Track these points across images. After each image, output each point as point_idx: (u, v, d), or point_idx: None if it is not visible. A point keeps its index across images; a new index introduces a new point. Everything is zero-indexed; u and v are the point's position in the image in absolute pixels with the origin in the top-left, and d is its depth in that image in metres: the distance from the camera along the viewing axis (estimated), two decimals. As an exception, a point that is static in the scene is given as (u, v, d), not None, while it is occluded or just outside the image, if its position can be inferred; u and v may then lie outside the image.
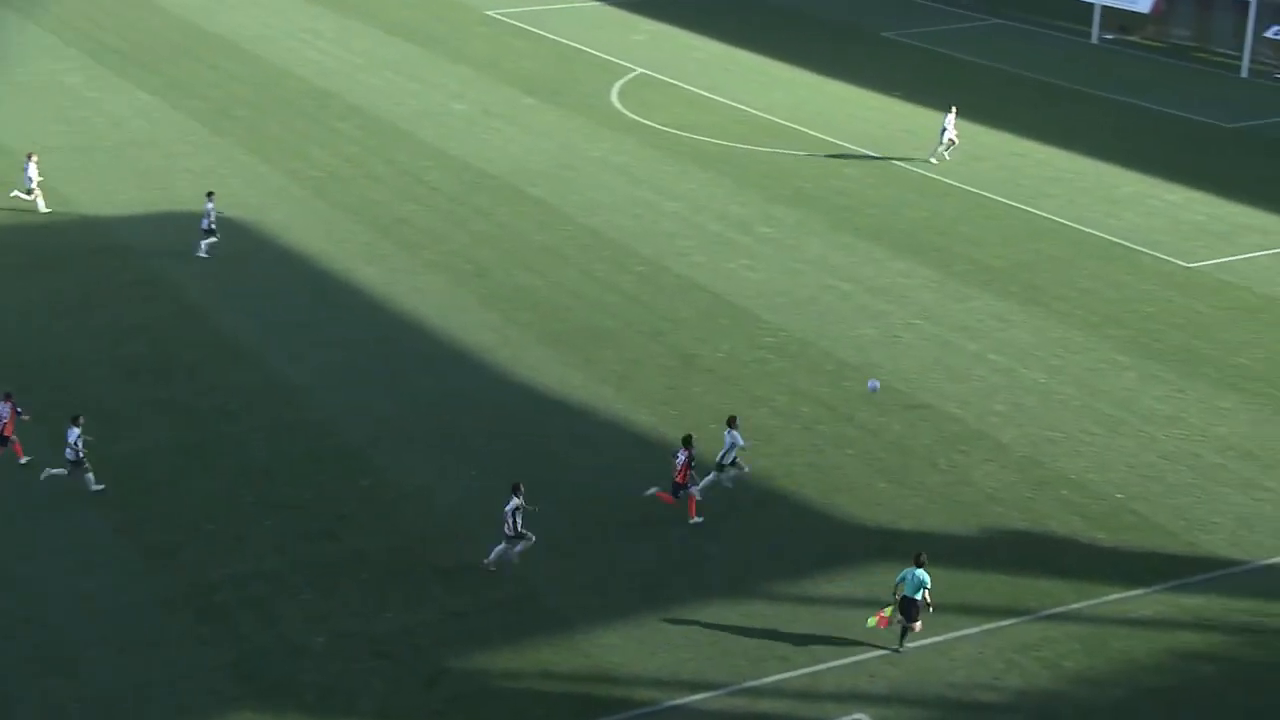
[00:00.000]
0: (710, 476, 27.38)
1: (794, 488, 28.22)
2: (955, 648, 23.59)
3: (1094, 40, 60.90)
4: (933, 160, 45.75)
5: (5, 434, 28.13)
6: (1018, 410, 30.89)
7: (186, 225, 40.01)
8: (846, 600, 24.82)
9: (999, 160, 46.52)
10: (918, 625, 23.40)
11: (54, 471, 27.52)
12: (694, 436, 27.02)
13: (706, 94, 54.11)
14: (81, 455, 27.25)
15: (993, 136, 48.86)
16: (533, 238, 40.53)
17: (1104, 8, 62.12)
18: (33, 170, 40.96)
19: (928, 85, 54.76)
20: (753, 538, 26.66)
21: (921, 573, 23.38)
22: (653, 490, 27.33)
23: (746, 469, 27.66)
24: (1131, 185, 44.17)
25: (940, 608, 24.43)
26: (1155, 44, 60.61)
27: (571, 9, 68.71)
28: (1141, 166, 45.56)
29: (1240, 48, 56.48)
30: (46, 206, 41.21)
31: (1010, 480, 28.34)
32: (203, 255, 38.39)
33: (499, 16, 67.05)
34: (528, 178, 45.22)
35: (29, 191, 40.99)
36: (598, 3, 69.73)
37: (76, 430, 27.24)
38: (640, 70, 57.52)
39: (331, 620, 24.23)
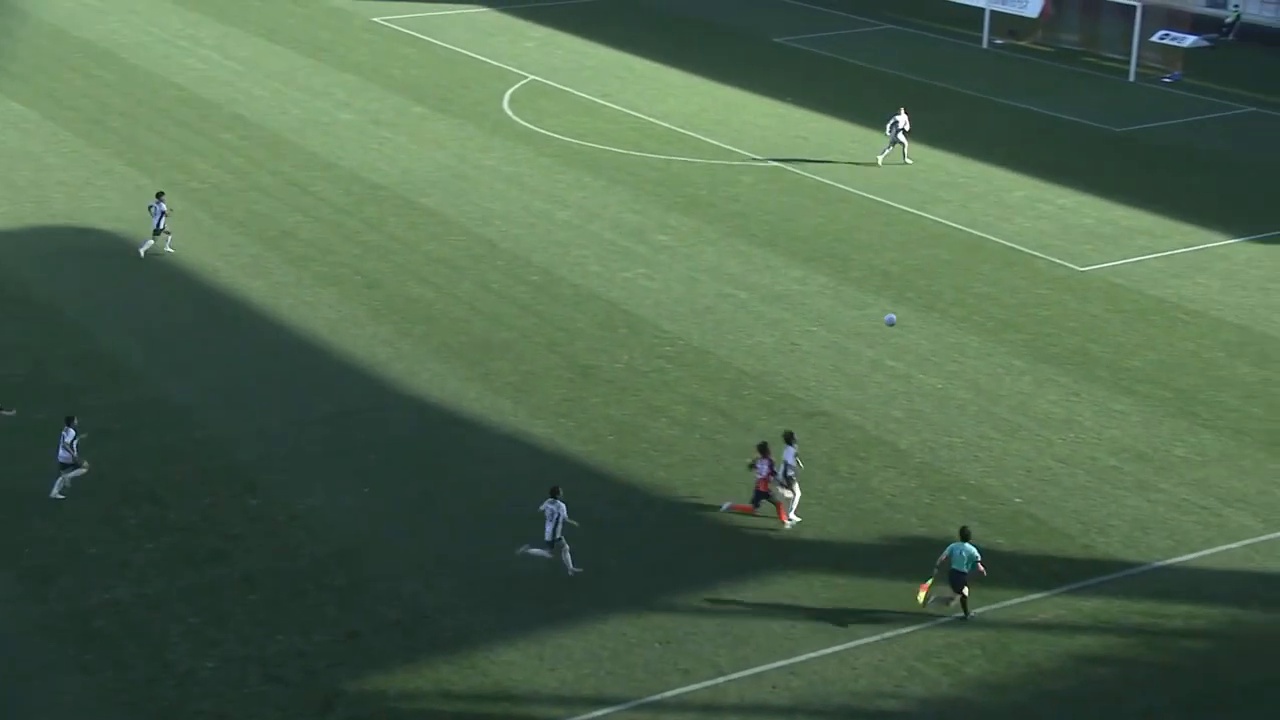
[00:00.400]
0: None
1: (695, 498, 28.28)
2: (858, 656, 23.78)
3: (984, 45, 61.91)
4: (880, 161, 46.29)
5: None
6: (915, 416, 31.25)
7: (62, 239, 39.15)
8: (748, 610, 24.92)
9: (892, 166, 47.05)
10: (965, 591, 24.40)
11: (71, 476, 27.64)
12: (768, 444, 27.13)
13: (600, 101, 54.17)
14: (76, 457, 27.41)
15: (883, 142, 49.37)
16: (425, 249, 40.27)
17: (993, 13, 63.19)
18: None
19: (820, 91, 55.29)
20: (653, 548, 26.68)
21: (970, 547, 24.42)
22: (727, 505, 27.28)
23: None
24: (1024, 190, 44.93)
25: (842, 615, 24.63)
26: (1044, 48, 61.76)
27: (460, 15, 68.45)
28: (1033, 171, 46.37)
29: (1128, 52, 57.72)
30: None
31: (909, 486, 28.65)
32: (169, 250, 38.72)
33: (385, 23, 66.57)
34: (419, 188, 44.93)
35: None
36: (487, 9, 69.52)
37: (72, 431, 27.41)
38: (532, 77, 57.43)
39: (220, 645, 23.84)
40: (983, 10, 63.55)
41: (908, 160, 46.59)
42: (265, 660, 23.49)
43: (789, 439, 27.50)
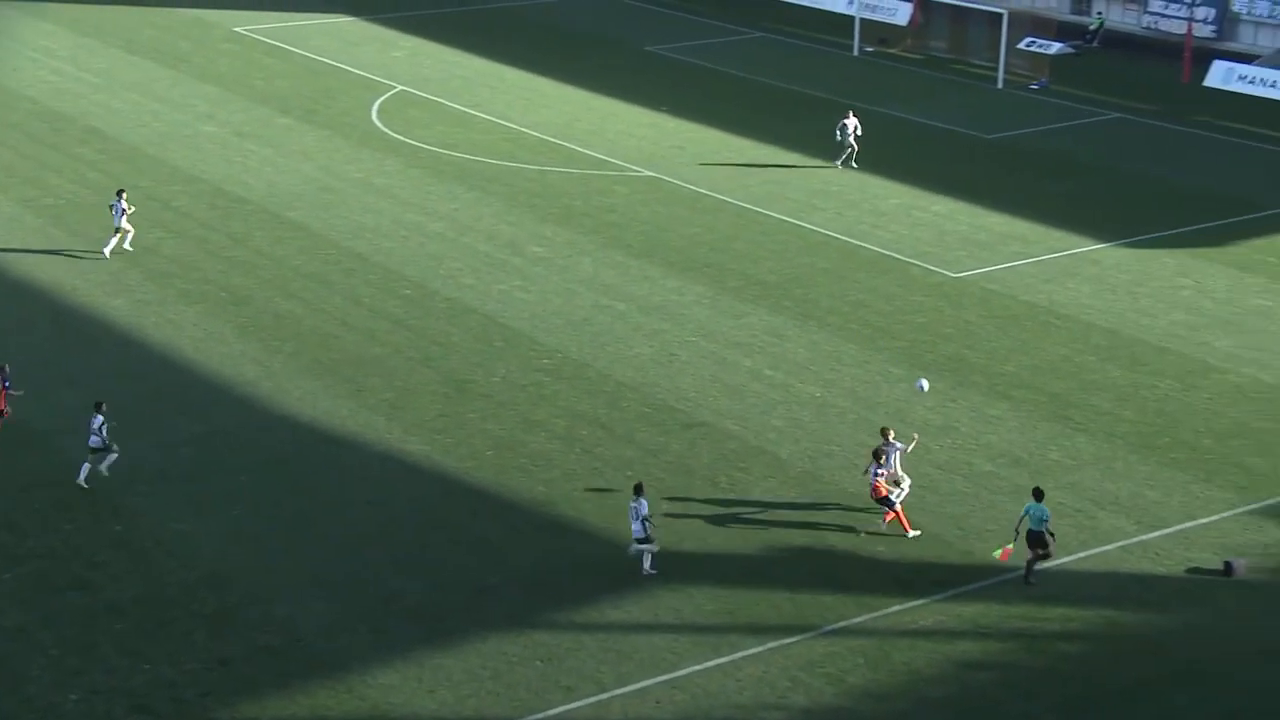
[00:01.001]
0: None
1: (575, 513, 28.30)
2: (741, 668, 23.96)
3: (855, 53, 62.86)
4: (839, 166, 46.87)
5: None
6: (795, 425, 31.60)
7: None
8: (630, 625, 24.99)
9: (767, 174, 47.57)
10: (1051, 548, 25.85)
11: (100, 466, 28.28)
12: (883, 443, 27.75)
13: (471, 111, 54.02)
14: (106, 441, 28.18)
15: (761, 150, 49.95)
16: (293, 263, 39.81)
17: (863, 21, 64.19)
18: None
19: (694, 99, 55.71)
20: (534, 565, 26.64)
21: (1042, 506, 25.77)
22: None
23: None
24: (898, 197, 45.66)
25: (725, 628, 24.81)
26: (914, 56, 62.89)
27: (325, 24, 67.84)
28: (907, 178, 47.14)
29: (996, 59, 58.98)
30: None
31: (790, 496, 28.96)
32: (128, 248, 39.41)
33: (247, 33, 65.75)
34: (286, 201, 44.41)
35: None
36: (353, 18, 68.99)
37: (100, 417, 28.17)
38: (401, 87, 57.09)
39: (85, 676, 23.32)
40: (853, 19, 64.56)
41: (854, 165, 47.23)
42: (132, 691, 23.02)
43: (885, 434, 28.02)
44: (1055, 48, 62.81)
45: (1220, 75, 58.62)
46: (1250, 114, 54.80)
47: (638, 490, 26.17)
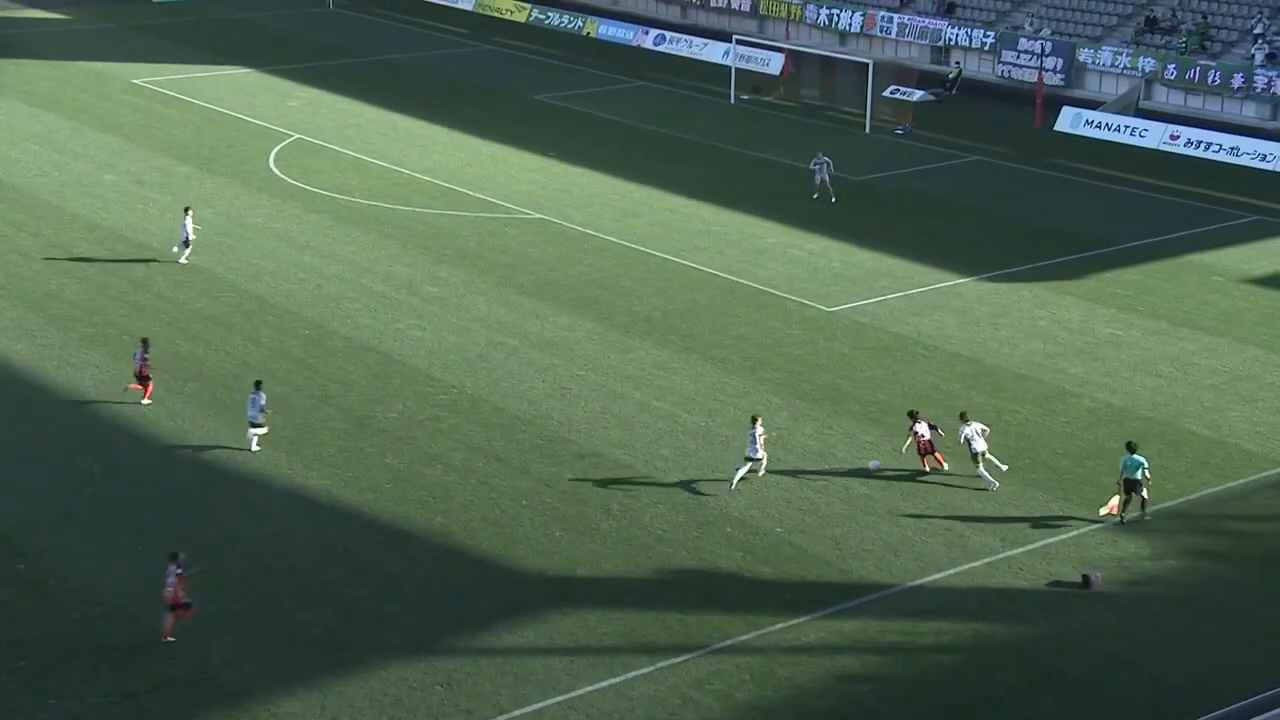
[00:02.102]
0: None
1: (472, 542, 28.10)
2: (633, 688, 23.90)
3: (731, 100, 63.46)
4: (815, 198, 48.59)
5: (143, 373, 33.12)
6: (682, 454, 31.68)
7: None
8: (527, 649, 24.83)
9: (651, 216, 47.79)
10: (1144, 494, 28.64)
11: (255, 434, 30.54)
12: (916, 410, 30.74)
13: (366, 158, 53.66)
14: (268, 415, 30.63)
15: (645, 194, 50.19)
16: (194, 306, 39.17)
17: (738, 70, 64.85)
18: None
19: (580, 145, 55.86)
20: (433, 593, 26.38)
21: (1137, 456, 28.65)
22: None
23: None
24: (775, 236, 46.09)
25: (618, 649, 24.75)
26: (787, 103, 63.65)
27: (222, 76, 67.06)
28: (782, 219, 47.62)
29: (863, 106, 59.90)
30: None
31: (678, 521, 29.00)
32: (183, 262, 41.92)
33: (147, 85, 64.77)
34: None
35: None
36: (250, 70, 68.28)
37: (263, 396, 30.71)
38: (297, 136, 56.56)
39: (-8, 715, 22.62)
40: (729, 68, 65.21)
41: (832, 199, 48.69)
42: (39, 728, 22.37)
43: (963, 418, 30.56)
44: (918, 95, 63.94)
45: (1069, 120, 60.08)
46: (1097, 156, 56.21)
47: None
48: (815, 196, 49.30)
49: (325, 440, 31.92)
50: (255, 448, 31.10)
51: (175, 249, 42.47)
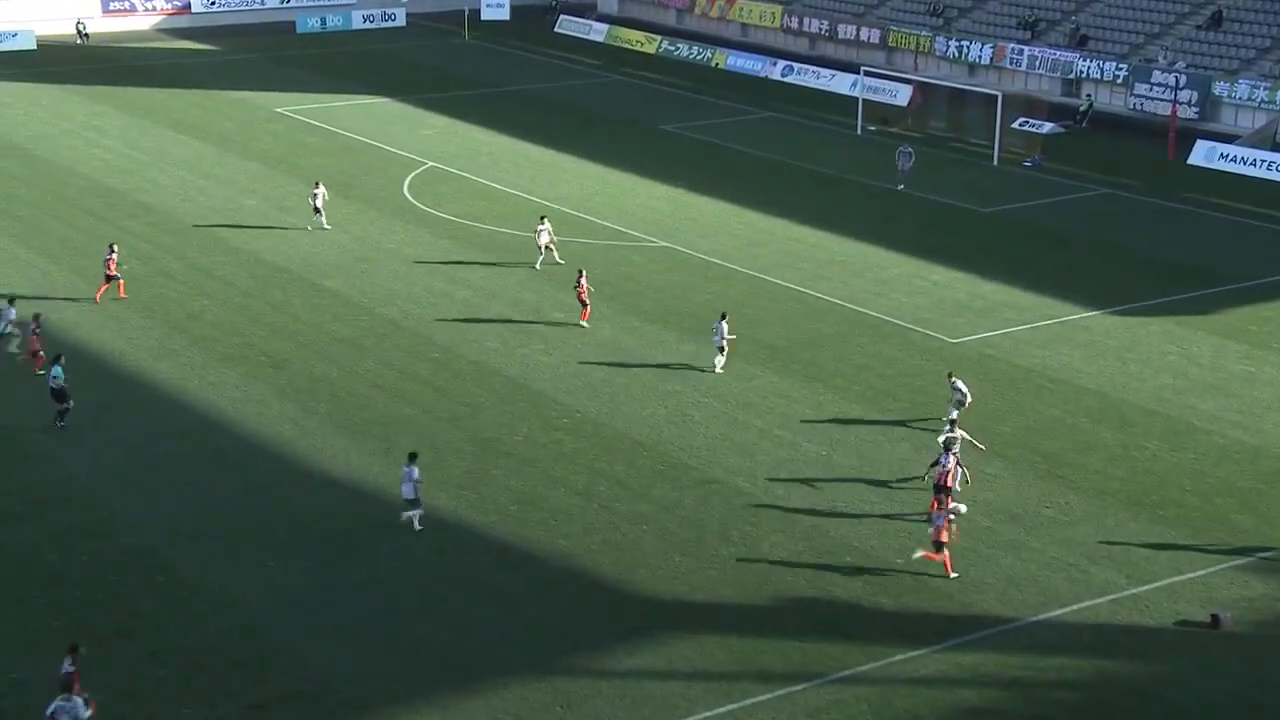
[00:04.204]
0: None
1: (593, 565, 28.21)
2: (751, 714, 23.77)
3: (859, 132, 63.17)
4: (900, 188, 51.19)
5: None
6: (802, 482, 31.50)
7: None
8: (646, 672, 24.84)
9: (776, 245, 47.70)
10: None
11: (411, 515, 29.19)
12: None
13: (497, 186, 54.35)
14: (419, 493, 29.15)
15: (770, 223, 50.14)
16: (329, 329, 39.97)
17: (866, 101, 64.57)
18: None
19: (707, 175, 56.00)
20: (553, 615, 26.52)
21: None
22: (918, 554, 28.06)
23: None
24: (899, 267, 45.72)
25: (736, 675, 24.65)
26: (914, 134, 63.17)
27: (361, 105, 68.48)
28: (907, 249, 47.24)
29: (991, 138, 59.21)
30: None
31: (797, 549, 28.82)
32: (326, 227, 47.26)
33: (289, 113, 66.38)
34: (323, 270, 44.65)
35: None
36: (387, 99, 69.64)
37: (416, 470, 29.03)
38: (431, 164, 57.51)
39: (129, 720, 23.21)
40: (856, 100, 64.93)
41: (899, 187, 52.99)
42: (173, 734, 22.91)
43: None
44: (1047, 128, 63.08)
45: (1203, 154, 58.76)
46: (1231, 191, 54.87)
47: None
48: (901, 187, 53.23)
49: (452, 462, 32.32)
50: (418, 526, 29.12)
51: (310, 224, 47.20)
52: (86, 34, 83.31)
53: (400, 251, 46.56)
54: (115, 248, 41.80)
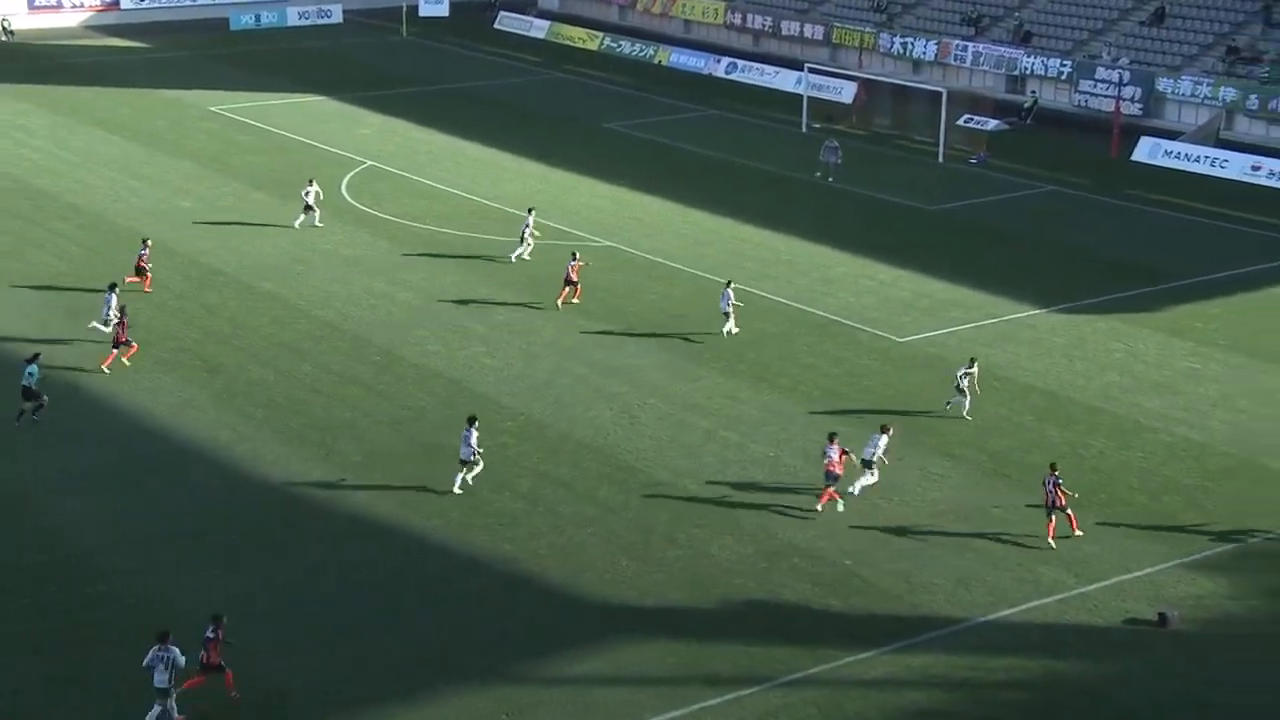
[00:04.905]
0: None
1: (539, 570, 28.25)
2: (699, 719, 23.88)
3: (803, 129, 63.53)
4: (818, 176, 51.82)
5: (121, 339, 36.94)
6: (749, 484, 31.68)
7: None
8: (593, 678, 24.92)
9: (721, 244, 47.91)
10: None
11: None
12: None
13: (437, 185, 54.23)
14: (477, 454, 30.65)
15: (715, 222, 50.36)
16: (266, 332, 39.75)
17: (810, 99, 64.97)
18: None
19: (650, 173, 56.13)
20: (500, 621, 26.54)
21: None
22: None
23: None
24: (844, 266, 46.05)
25: (683, 679, 24.78)
26: (859, 132, 63.63)
27: (297, 103, 68.10)
28: (853, 248, 47.58)
29: (936, 136, 59.74)
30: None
31: (745, 552, 29.00)
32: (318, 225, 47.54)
33: (222, 112, 65.91)
34: (259, 272, 44.39)
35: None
36: (323, 97, 69.28)
37: (474, 433, 30.55)
38: (370, 163, 57.29)
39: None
40: (801, 97, 65.33)
41: (830, 179, 54.68)
42: (110, 748, 22.72)
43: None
44: (992, 124, 63.76)
45: (1147, 151, 59.60)
46: (1176, 187, 55.69)
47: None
48: (818, 175, 54.95)
49: (395, 467, 32.24)
50: (458, 490, 30.32)
51: (298, 221, 47.72)
52: (11, 31, 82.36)
53: (338, 252, 46.36)
54: (149, 242, 42.62)
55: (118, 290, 38.68)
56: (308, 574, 27.93)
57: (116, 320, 37.09)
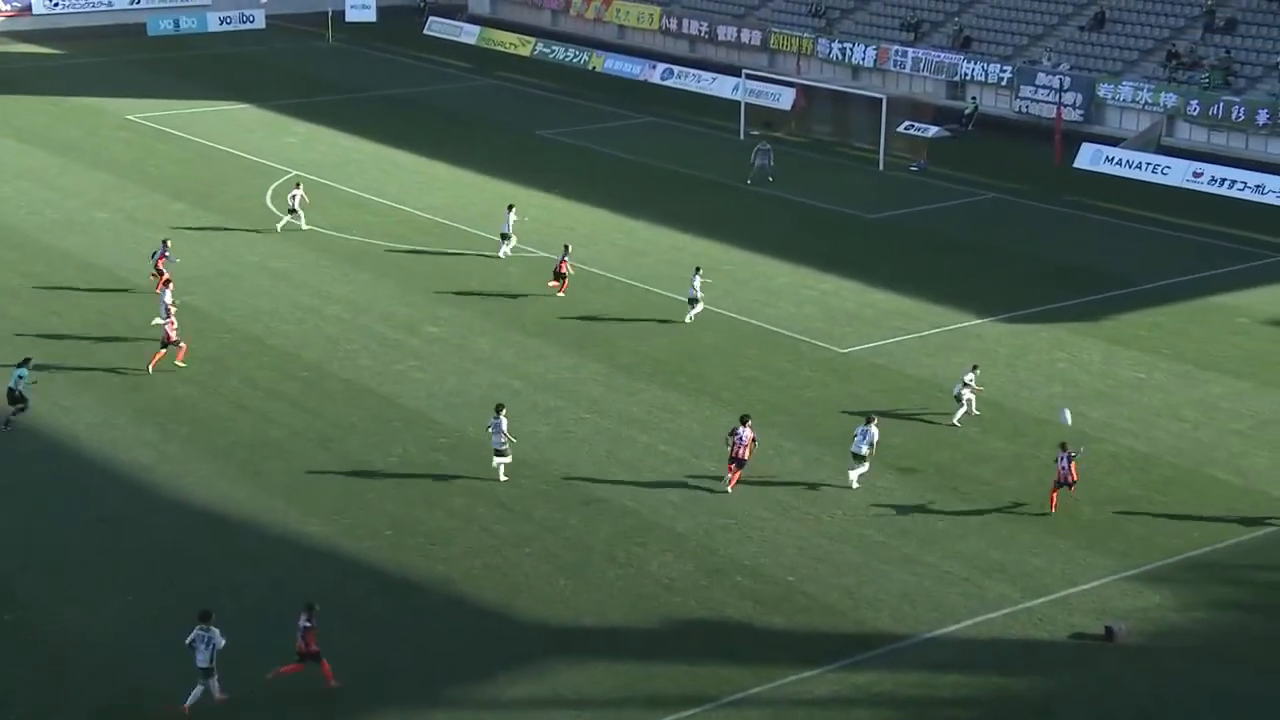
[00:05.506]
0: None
1: (474, 590, 28.11)
2: (642, 742, 23.87)
3: (741, 136, 63.80)
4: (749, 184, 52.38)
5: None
6: (691, 499, 31.72)
7: None
8: (530, 702, 24.82)
9: (658, 254, 47.99)
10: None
11: None
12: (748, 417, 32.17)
13: (366, 195, 53.97)
14: (505, 448, 31.82)
15: (652, 231, 50.43)
16: (190, 346, 39.32)
17: (748, 105, 65.26)
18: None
19: (584, 182, 56.15)
20: (433, 644, 26.38)
21: None
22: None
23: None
24: (785, 275, 46.26)
25: (624, 701, 24.74)
26: (798, 139, 63.99)
27: (219, 111, 67.57)
28: (793, 257, 47.81)
29: (877, 142, 60.21)
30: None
31: (686, 569, 29.01)
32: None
33: (140, 120, 65.26)
34: (183, 285, 43.83)
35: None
36: (246, 105, 68.79)
37: (504, 420, 31.75)
38: (295, 173, 56.91)
39: (-21, 770, 22.62)
40: (738, 103, 65.61)
41: (770, 179, 55.65)
42: (27, 783, 22.36)
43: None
44: (932, 131, 64.33)
45: (1089, 157, 60.36)
46: (1118, 194, 56.43)
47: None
48: (749, 181, 55.50)
49: (323, 486, 31.99)
50: (503, 477, 31.93)
51: (280, 224, 48.49)
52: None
53: (264, 265, 46.00)
54: (169, 243, 43.59)
55: (171, 286, 39.49)
56: (232, 599, 27.60)
57: (167, 318, 37.89)
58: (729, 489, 31.70)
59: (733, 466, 31.85)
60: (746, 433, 31.70)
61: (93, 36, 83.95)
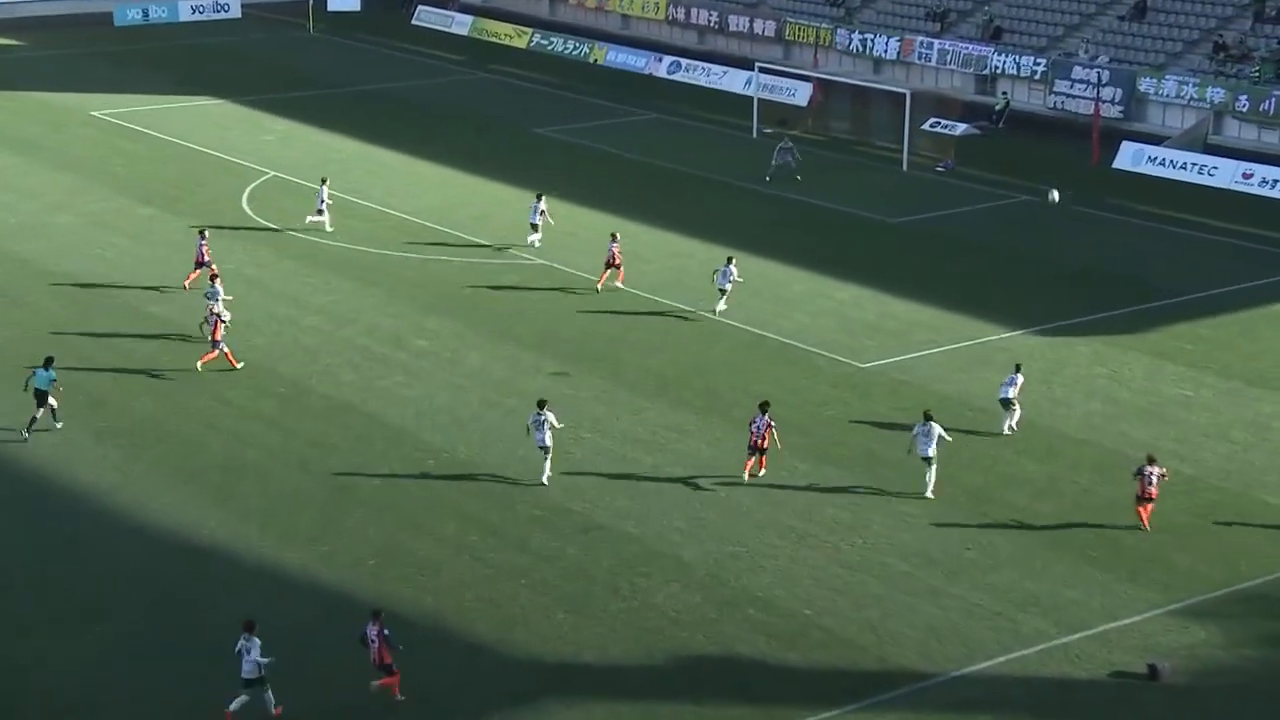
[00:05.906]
0: None
1: (465, 624, 28.11)
2: (646, 788, 23.83)
3: (754, 134, 63.89)
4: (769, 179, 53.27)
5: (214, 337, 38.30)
6: (699, 526, 31.71)
7: None
8: (527, 746, 24.80)
9: (663, 262, 48.05)
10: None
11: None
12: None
13: (349, 197, 54.05)
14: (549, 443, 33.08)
15: (657, 236, 50.49)
16: (159, 361, 39.38)
17: (761, 101, 65.37)
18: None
19: (586, 183, 56.23)
20: (421, 682, 26.35)
21: None
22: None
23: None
24: (801, 284, 46.30)
25: (628, 746, 24.71)
26: (815, 137, 64.08)
27: (191, 107, 67.76)
28: (810, 265, 47.86)
29: (900, 141, 60.27)
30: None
31: (694, 602, 28.99)
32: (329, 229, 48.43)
33: (106, 117, 65.45)
34: (149, 296, 44.02)
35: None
36: (221, 100, 68.98)
37: (549, 414, 32.90)
38: (273, 173, 57.03)
39: (-72, 818, 22.61)
40: (751, 99, 65.73)
41: (798, 178, 56.56)
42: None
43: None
44: (960, 129, 64.41)
45: (1130, 157, 60.41)
46: (1161, 197, 56.44)
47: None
48: (768, 179, 56.26)
49: (302, 511, 32.01)
50: (546, 480, 32.85)
51: (309, 219, 49.46)
52: None
53: (239, 272, 46.07)
54: (206, 234, 44.76)
55: (220, 280, 40.39)
56: (202, 631, 27.59)
57: (213, 317, 38.61)
58: (745, 477, 33.08)
59: (752, 457, 33.18)
60: (764, 421, 32.91)
61: (54, 26, 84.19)
